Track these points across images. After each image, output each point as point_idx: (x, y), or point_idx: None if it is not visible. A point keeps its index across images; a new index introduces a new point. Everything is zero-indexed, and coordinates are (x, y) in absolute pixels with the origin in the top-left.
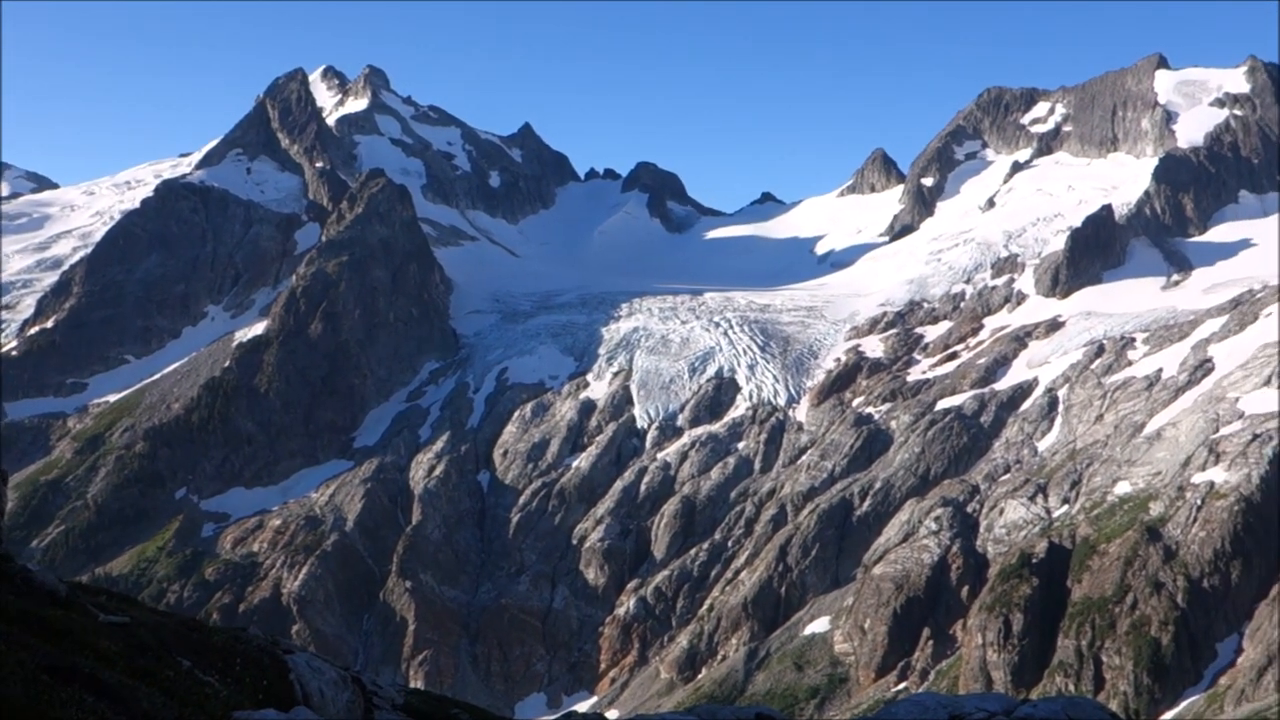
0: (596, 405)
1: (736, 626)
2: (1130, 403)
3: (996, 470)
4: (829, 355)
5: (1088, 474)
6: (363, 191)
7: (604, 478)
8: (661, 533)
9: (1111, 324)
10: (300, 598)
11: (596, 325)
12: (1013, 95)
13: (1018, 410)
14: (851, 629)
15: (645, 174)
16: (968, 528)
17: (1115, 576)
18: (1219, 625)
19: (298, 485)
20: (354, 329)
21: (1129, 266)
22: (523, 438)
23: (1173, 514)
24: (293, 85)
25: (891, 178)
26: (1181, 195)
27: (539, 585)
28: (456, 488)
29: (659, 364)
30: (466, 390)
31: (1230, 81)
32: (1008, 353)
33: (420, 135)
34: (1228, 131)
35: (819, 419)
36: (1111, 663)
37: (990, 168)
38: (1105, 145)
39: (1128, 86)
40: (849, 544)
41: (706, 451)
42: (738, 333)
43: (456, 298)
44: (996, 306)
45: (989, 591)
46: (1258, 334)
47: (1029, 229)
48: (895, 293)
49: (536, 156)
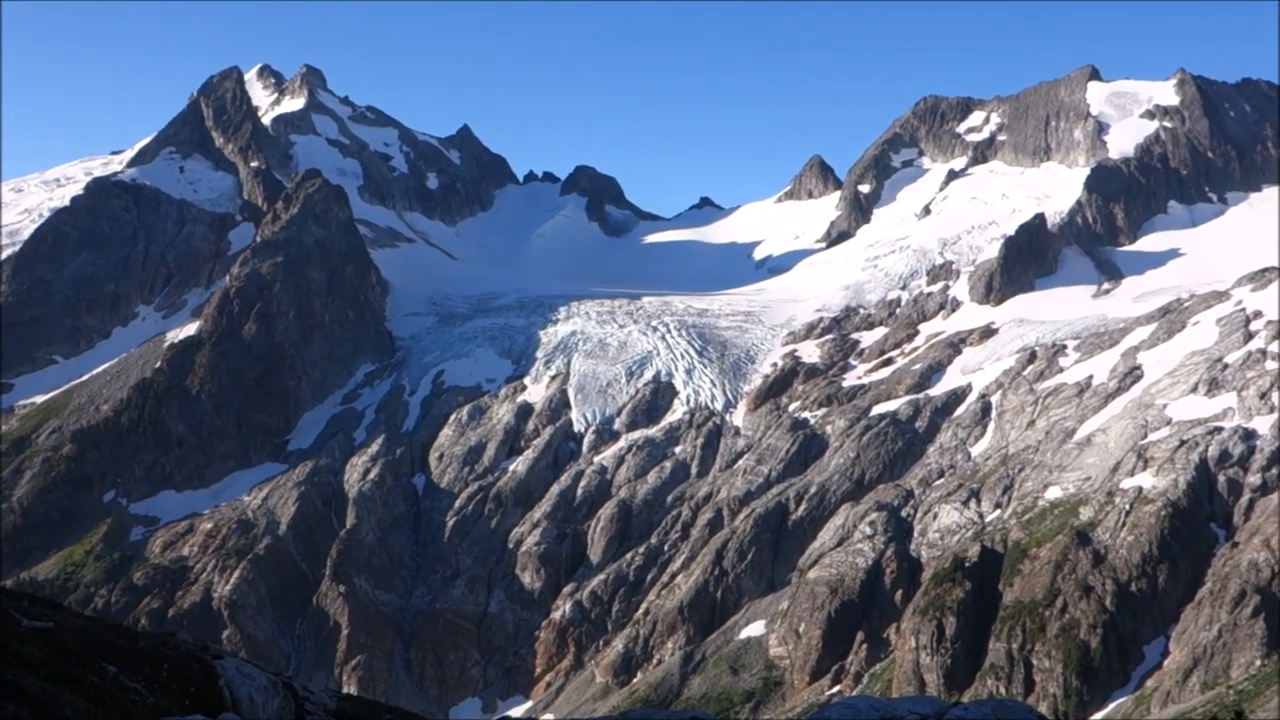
0: (533, 409)
1: (672, 630)
2: (1061, 409)
3: (930, 475)
4: (766, 360)
5: (1019, 479)
6: (298, 192)
7: (540, 481)
8: (598, 536)
9: (1043, 331)
10: (231, 602)
11: (534, 328)
12: (949, 104)
13: (952, 416)
14: (786, 633)
15: (584, 177)
16: (902, 532)
17: (1046, 580)
18: (1146, 628)
19: (230, 488)
20: (288, 330)
21: (1061, 274)
22: (459, 441)
23: (1102, 519)
24: (227, 84)
25: (829, 184)
26: (1112, 205)
27: (474, 589)
28: (391, 491)
29: (596, 368)
30: (402, 393)
31: (1160, 94)
32: (942, 359)
33: (357, 136)
34: (1158, 143)
35: (755, 423)
36: (1041, 665)
37: (926, 175)
38: (1039, 155)
39: (1061, 97)
40: (784, 548)
41: (643, 455)
42: (675, 337)
43: (393, 300)
44: (931, 313)
45: (922, 595)
46: (1185, 342)
47: (964, 237)
48: (832, 298)
49: (475, 159)
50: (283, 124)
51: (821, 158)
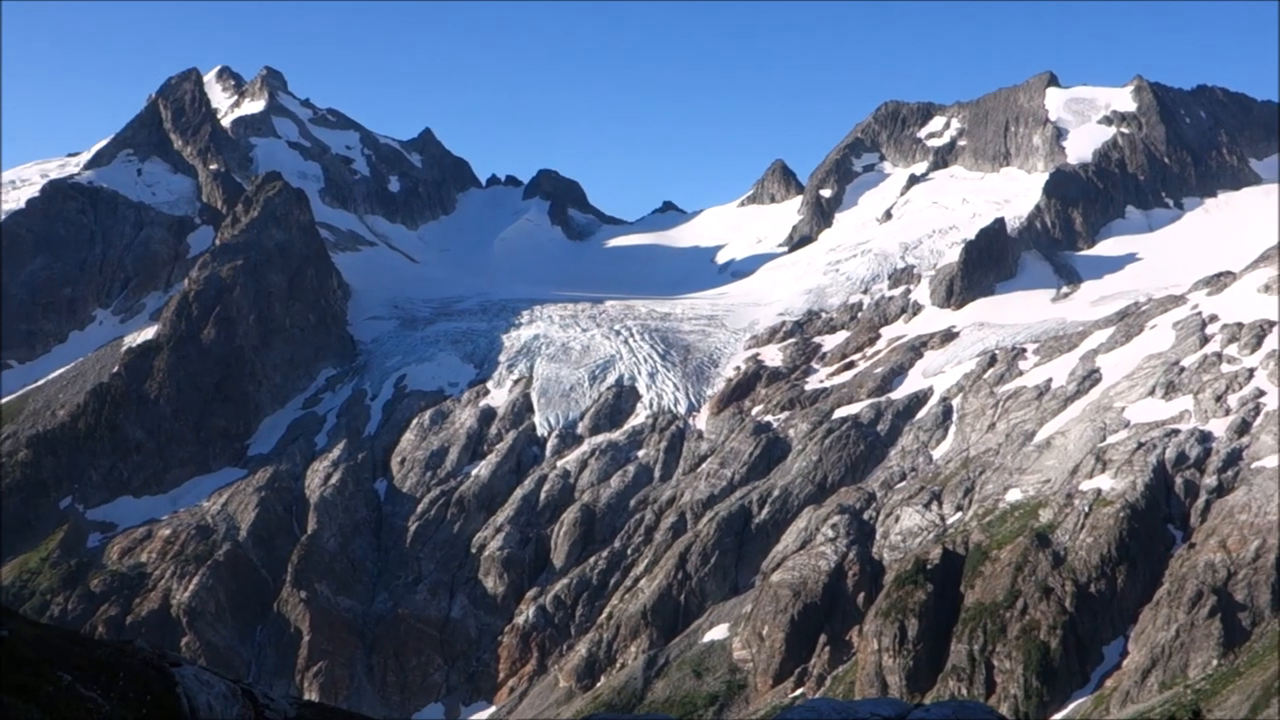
0: (496, 413)
1: (635, 634)
2: (1021, 412)
3: (892, 478)
4: (729, 364)
5: (980, 482)
6: (259, 194)
7: (503, 486)
8: (561, 541)
9: (1003, 335)
10: (190, 609)
11: (497, 332)
12: (909, 109)
13: (913, 419)
14: (750, 636)
15: (546, 181)
16: (864, 535)
17: (1006, 582)
18: (1105, 629)
19: (188, 494)
20: (248, 334)
21: (1020, 279)
22: (421, 445)
23: (1061, 521)
24: (186, 85)
25: (791, 188)
26: (1071, 210)
27: (437, 594)
28: (353, 496)
29: (559, 372)
30: (364, 397)
31: (1118, 100)
32: (904, 362)
33: (318, 138)
34: (1115, 149)
35: (718, 427)
36: (1002, 666)
37: (887, 180)
38: (998, 160)
39: (1020, 103)
40: (748, 551)
41: (606, 459)
42: (638, 341)
43: (354, 304)
44: (893, 317)
45: (885, 598)
46: (1143, 345)
47: (925, 241)
48: (794, 302)
49: (437, 162)
50: (242, 126)
51: (784, 162)
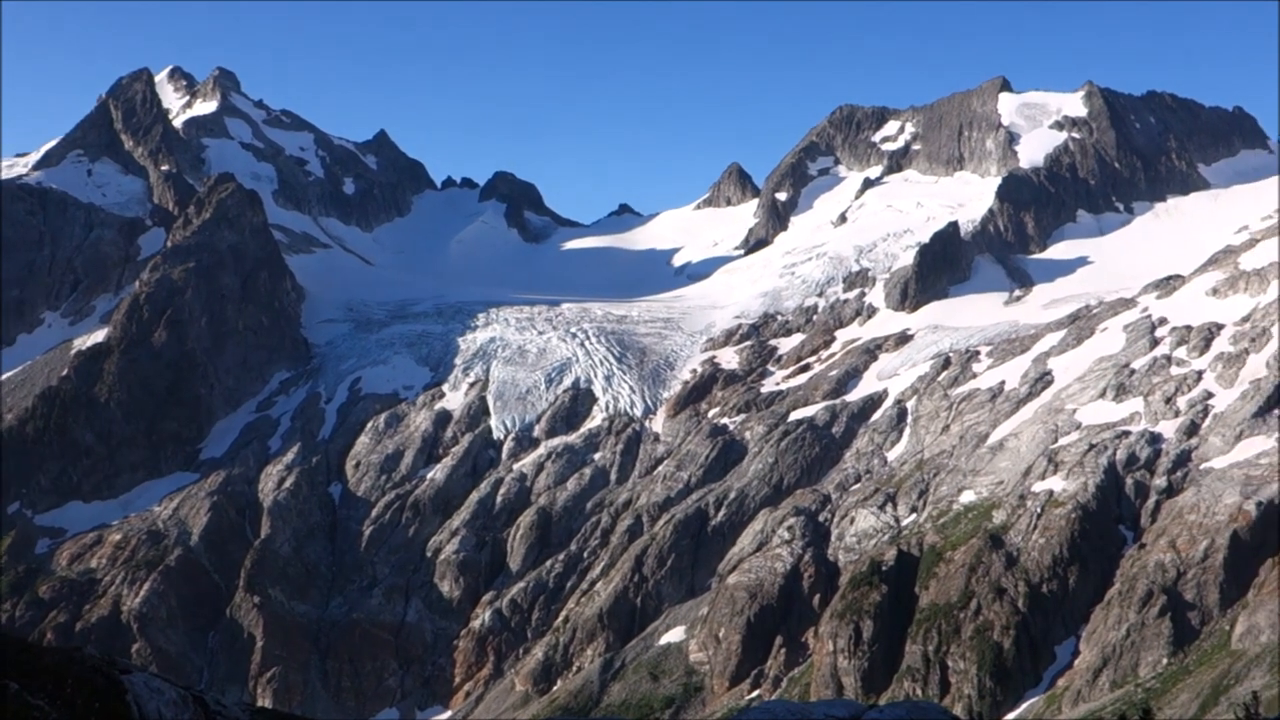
0: (452, 416)
1: (592, 637)
2: (975, 414)
3: (847, 480)
4: (685, 366)
5: (935, 483)
6: (211, 196)
7: (459, 489)
8: (517, 544)
9: (957, 337)
10: (141, 615)
11: (452, 335)
12: (864, 113)
13: (868, 421)
14: (706, 638)
15: (502, 184)
16: (820, 537)
17: (960, 583)
18: (1057, 629)
19: (139, 499)
20: (200, 337)
21: (974, 282)
22: (376, 449)
23: (1014, 522)
24: (137, 85)
25: (747, 192)
26: (1023, 214)
27: (392, 599)
28: (307, 500)
29: (515, 374)
30: (318, 400)
31: (1069, 105)
32: (858, 365)
33: (272, 140)
34: (1066, 153)
35: (675, 430)
36: (956, 667)
37: (842, 184)
38: (952, 164)
39: (973, 108)
40: (704, 554)
41: (563, 462)
42: (594, 344)
43: (308, 306)
44: (848, 319)
45: (840, 599)
46: (1094, 348)
47: (879, 244)
48: (750, 305)
49: (392, 164)
50: (194, 127)
51: (740, 165)
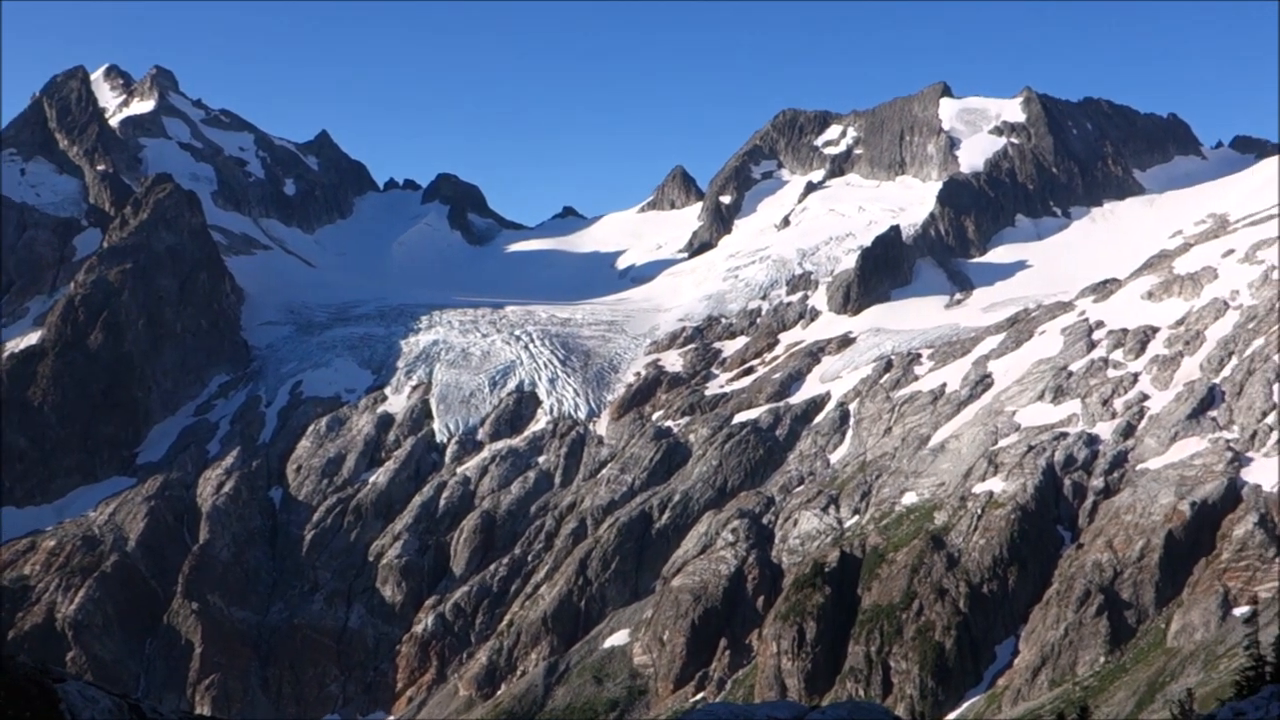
0: (395, 419)
1: (536, 641)
2: (916, 416)
3: (791, 482)
4: (629, 369)
5: (877, 485)
6: (148, 196)
7: (402, 493)
8: (461, 548)
9: (899, 340)
10: (76, 622)
11: (395, 338)
12: (807, 117)
13: (811, 423)
14: (650, 641)
15: (446, 185)
16: (763, 539)
17: (902, 584)
18: (997, 628)
19: (74, 504)
20: (138, 340)
21: (915, 285)
22: (317, 453)
23: (955, 523)
24: (73, 84)
25: (691, 195)
26: (963, 218)
27: (334, 604)
28: (247, 505)
29: (459, 377)
30: (258, 404)
31: (1008, 111)
32: (802, 368)
33: (211, 140)
34: (1005, 158)
35: (619, 432)
36: (899, 667)
37: (786, 187)
38: (894, 168)
39: (914, 113)
40: (648, 556)
41: (507, 466)
42: (539, 346)
43: (248, 308)
44: (791, 322)
45: (784, 601)
46: (1033, 350)
47: (822, 248)
48: (694, 308)
49: (334, 165)
50: (131, 126)
51: (684, 168)
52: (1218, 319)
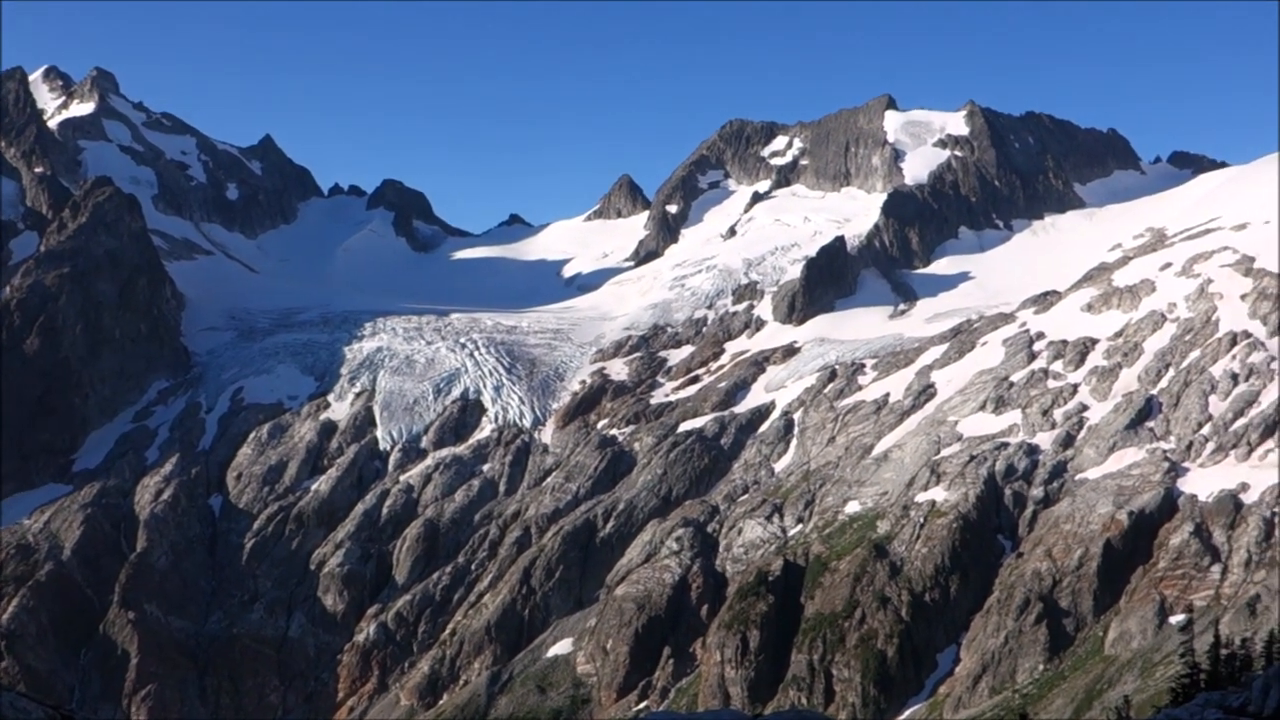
0: (337, 426)
1: (479, 650)
2: (860, 426)
3: (735, 491)
4: (575, 378)
5: (821, 494)
6: (87, 200)
7: (344, 501)
8: (404, 557)
9: (843, 350)
10: (9, 632)
11: (338, 344)
12: (753, 128)
13: (756, 433)
14: (594, 650)
15: (391, 192)
16: (708, 547)
17: (845, 592)
18: (939, 636)
19: (9, 511)
20: (75, 345)
21: (859, 295)
22: (258, 460)
23: (898, 532)
24: (10, 85)
25: (637, 204)
26: (907, 229)
27: (274, 613)
28: (186, 513)
29: (403, 385)
30: (198, 410)
31: (952, 124)
32: (747, 377)
33: (152, 143)
34: (949, 171)
35: (564, 441)
36: (841, 675)
37: (732, 197)
38: (839, 179)
39: (860, 125)
40: (592, 565)
41: (451, 474)
42: (484, 354)
43: (189, 314)
44: (736, 332)
45: (727, 609)
46: (975, 361)
47: (768, 258)
48: (640, 317)
49: (277, 170)
50: (71, 128)
51: (630, 177)
52: (1155, 331)
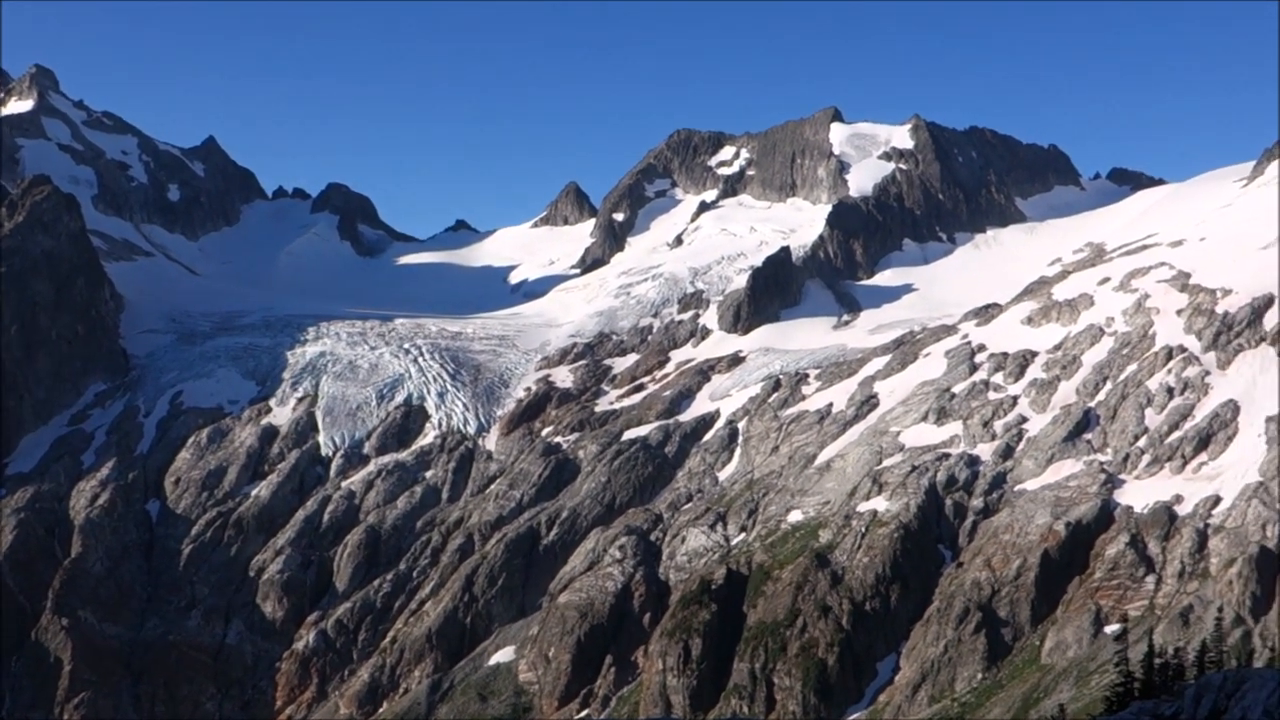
0: (279, 431)
1: (420, 658)
2: (803, 435)
3: (679, 499)
4: (519, 384)
5: (764, 503)
6: (25, 199)
7: (285, 507)
8: (344, 563)
9: (788, 360)
10: None
11: (281, 349)
12: (701, 138)
13: (700, 441)
14: (536, 658)
15: (336, 195)
16: (651, 556)
17: (787, 601)
18: (879, 645)
19: None
20: (10, 346)
21: (804, 306)
22: (197, 465)
23: (840, 541)
24: None
25: (584, 211)
26: (852, 241)
27: (211, 620)
28: (122, 518)
29: (346, 390)
30: (136, 414)
31: (897, 137)
32: (692, 385)
33: (92, 142)
34: (894, 183)
35: (508, 448)
36: (782, 684)
37: (679, 206)
38: (785, 190)
39: (806, 136)
40: (535, 573)
41: (393, 480)
42: (428, 360)
43: (128, 316)
44: (682, 340)
45: (670, 618)
46: (917, 372)
47: (714, 267)
48: (585, 324)
49: (220, 171)
50: (8, 126)
51: (578, 185)
52: (1093, 345)
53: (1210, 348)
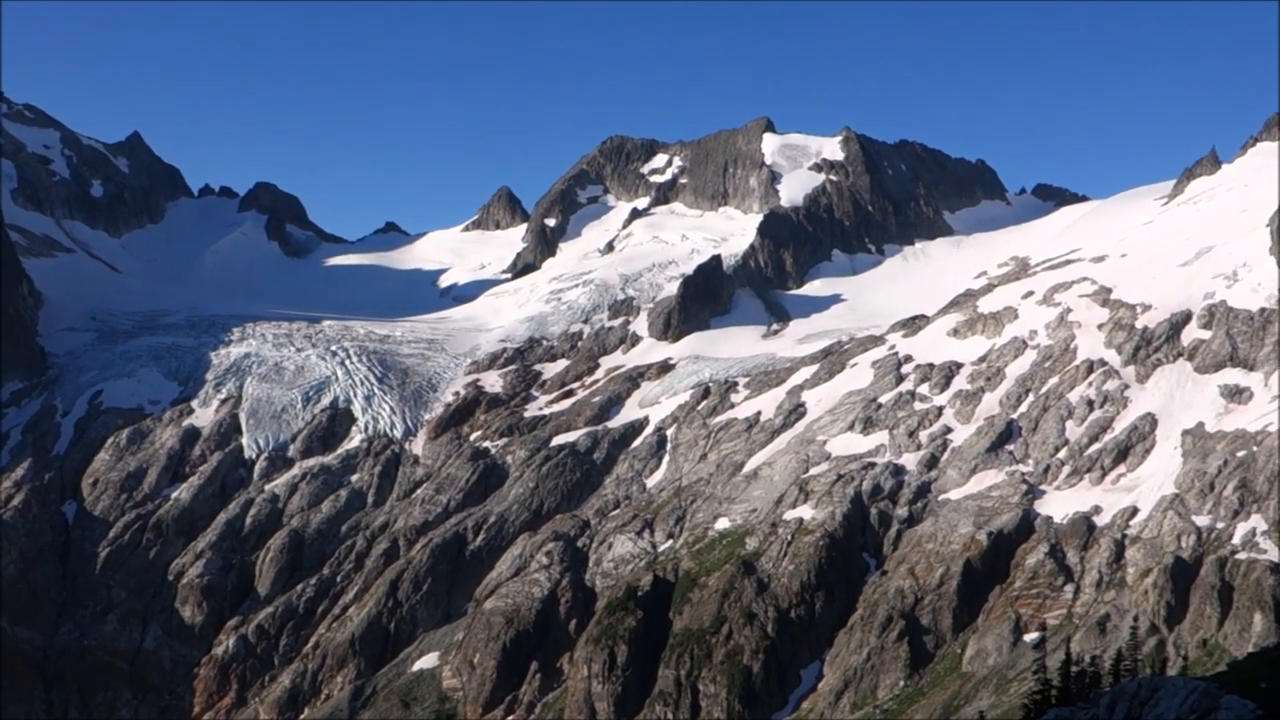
0: (201, 433)
1: (343, 664)
2: (732, 443)
3: (607, 506)
4: (448, 389)
5: (692, 510)
6: None
7: (206, 510)
8: (267, 567)
9: (717, 368)
10: None
11: (205, 349)
12: (634, 145)
13: (629, 448)
14: (461, 664)
15: (264, 194)
16: (578, 562)
17: (713, 608)
18: (803, 652)
19: None
20: None
21: (734, 314)
22: (116, 466)
23: (766, 548)
24: None
25: (516, 216)
26: (782, 250)
27: (128, 624)
28: (37, 519)
29: (271, 392)
30: (53, 414)
31: (828, 149)
32: (621, 392)
33: (13, 135)
34: (824, 194)
35: (436, 452)
36: (707, 691)
37: (611, 213)
38: (717, 199)
39: (738, 145)
40: (461, 578)
41: (318, 484)
42: (355, 363)
43: (47, 313)
44: (612, 347)
45: (596, 624)
46: (845, 382)
47: (645, 274)
48: (515, 329)
49: (145, 168)
50: None
51: (510, 189)
52: (1017, 357)
53: (1130, 362)
